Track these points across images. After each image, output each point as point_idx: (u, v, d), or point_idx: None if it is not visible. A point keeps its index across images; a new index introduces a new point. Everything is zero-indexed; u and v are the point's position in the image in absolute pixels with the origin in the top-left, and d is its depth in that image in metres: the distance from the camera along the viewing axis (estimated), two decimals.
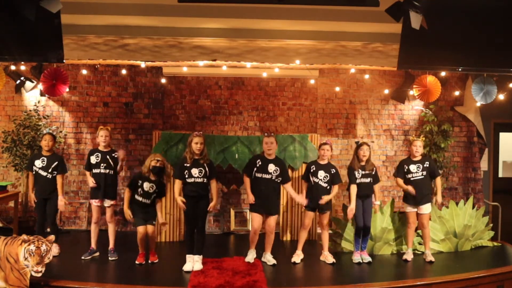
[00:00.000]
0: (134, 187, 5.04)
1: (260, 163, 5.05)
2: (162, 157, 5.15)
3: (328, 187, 5.19)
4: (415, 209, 5.35)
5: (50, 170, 5.18)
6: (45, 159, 5.21)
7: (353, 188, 5.19)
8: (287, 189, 5.25)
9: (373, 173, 5.29)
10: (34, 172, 5.25)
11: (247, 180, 5.13)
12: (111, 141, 5.48)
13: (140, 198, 5.03)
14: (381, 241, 5.60)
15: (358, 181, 5.21)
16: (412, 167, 5.31)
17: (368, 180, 5.24)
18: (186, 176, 4.83)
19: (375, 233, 5.59)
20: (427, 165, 5.33)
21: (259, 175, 5.03)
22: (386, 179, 7.10)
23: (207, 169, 4.87)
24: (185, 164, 4.87)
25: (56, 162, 5.23)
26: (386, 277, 4.76)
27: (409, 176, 5.32)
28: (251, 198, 5.02)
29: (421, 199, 5.28)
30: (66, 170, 5.45)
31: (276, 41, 6.04)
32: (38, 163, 5.20)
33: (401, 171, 5.40)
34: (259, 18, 5.47)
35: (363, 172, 5.21)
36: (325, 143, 5.26)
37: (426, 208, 5.32)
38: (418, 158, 5.35)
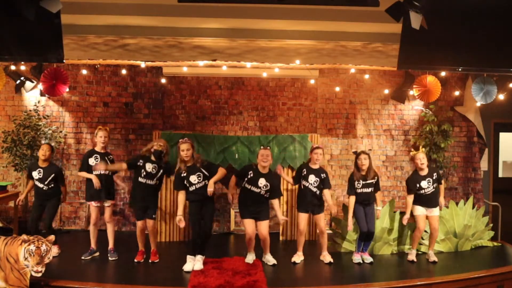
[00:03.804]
0: (136, 168, 4.99)
1: (251, 175, 4.96)
2: (164, 143, 5.06)
3: (317, 192, 5.16)
4: (425, 213, 5.30)
5: (46, 183, 5.14)
6: (42, 170, 5.15)
7: (352, 199, 5.17)
8: (273, 205, 5.03)
9: (375, 182, 5.23)
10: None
11: (233, 179, 5.07)
12: (111, 141, 5.47)
13: (143, 180, 4.97)
14: (381, 241, 5.60)
15: (359, 190, 5.17)
16: (424, 183, 5.19)
17: (369, 190, 5.20)
18: (188, 185, 4.83)
19: (375, 233, 5.58)
20: (436, 177, 5.25)
21: (248, 186, 4.97)
22: (386, 179, 7.10)
23: (204, 171, 4.85)
24: (182, 174, 4.84)
25: (53, 175, 5.17)
26: (386, 277, 4.76)
27: (422, 192, 5.22)
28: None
29: (432, 205, 5.27)
30: (64, 180, 5.48)
31: (276, 41, 6.03)
32: (34, 174, 5.17)
33: (413, 188, 5.25)
34: (259, 18, 5.47)
35: (364, 182, 5.16)
36: (318, 147, 5.19)
37: (436, 211, 5.31)
38: (426, 171, 5.23)
